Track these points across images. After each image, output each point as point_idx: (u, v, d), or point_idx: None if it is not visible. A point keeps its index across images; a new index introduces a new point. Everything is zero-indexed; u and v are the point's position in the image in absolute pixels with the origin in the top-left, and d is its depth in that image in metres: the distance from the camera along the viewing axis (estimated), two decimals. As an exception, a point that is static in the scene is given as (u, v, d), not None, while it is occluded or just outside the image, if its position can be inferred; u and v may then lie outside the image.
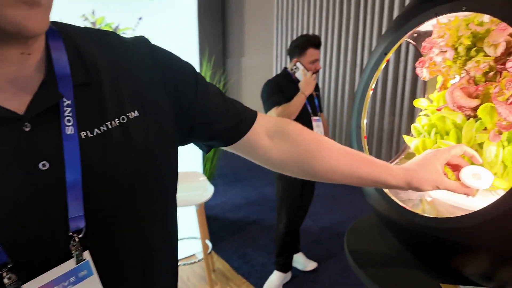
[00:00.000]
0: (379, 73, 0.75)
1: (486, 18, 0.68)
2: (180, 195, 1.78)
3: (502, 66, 0.66)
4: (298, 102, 1.86)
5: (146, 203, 0.46)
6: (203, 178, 2.05)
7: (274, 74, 5.29)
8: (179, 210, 0.60)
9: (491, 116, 0.66)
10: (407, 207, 0.70)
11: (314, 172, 0.60)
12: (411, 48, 3.39)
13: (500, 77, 0.66)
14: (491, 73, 0.67)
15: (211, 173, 2.95)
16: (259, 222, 2.99)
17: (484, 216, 0.58)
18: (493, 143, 0.67)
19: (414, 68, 3.41)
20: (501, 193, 0.72)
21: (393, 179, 0.60)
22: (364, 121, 0.79)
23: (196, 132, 0.54)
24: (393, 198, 0.72)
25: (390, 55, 0.72)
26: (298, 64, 1.89)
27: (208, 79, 0.62)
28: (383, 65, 0.73)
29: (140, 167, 0.44)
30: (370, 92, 0.77)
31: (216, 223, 2.96)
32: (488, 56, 0.66)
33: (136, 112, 0.45)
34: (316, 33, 4.50)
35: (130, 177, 0.43)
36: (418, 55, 0.88)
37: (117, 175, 0.42)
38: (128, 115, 0.44)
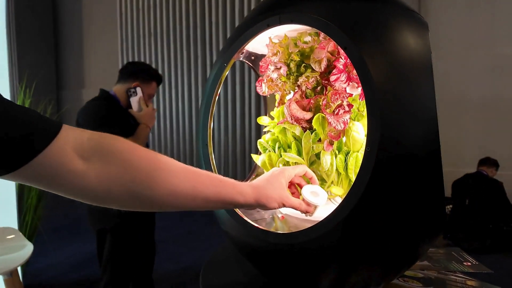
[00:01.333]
0: (220, 86, 0.71)
1: (309, 38, 0.74)
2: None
3: (327, 82, 0.72)
4: (144, 136, 1.55)
5: None
6: (15, 236, 1.53)
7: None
8: None
9: (323, 126, 0.70)
10: (261, 227, 0.65)
11: (152, 199, 0.47)
12: (253, 78, 3.77)
13: (326, 90, 0.71)
14: (319, 87, 0.73)
15: (35, 227, 2.31)
16: (108, 278, 2.51)
17: (328, 225, 0.58)
18: (328, 153, 0.71)
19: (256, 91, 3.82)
20: (338, 200, 0.76)
21: (242, 197, 0.54)
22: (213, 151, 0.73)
23: None
24: (246, 219, 0.66)
25: (230, 66, 0.69)
26: (139, 90, 1.60)
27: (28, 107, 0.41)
28: (224, 76, 0.70)
29: None
30: (214, 107, 0.71)
31: (46, 291, 2.32)
32: (315, 71, 0.71)
33: None
34: (165, 68, 4.46)
35: None
36: (257, 77, 0.90)
37: None
38: None
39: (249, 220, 0.66)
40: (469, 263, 0.85)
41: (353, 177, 0.72)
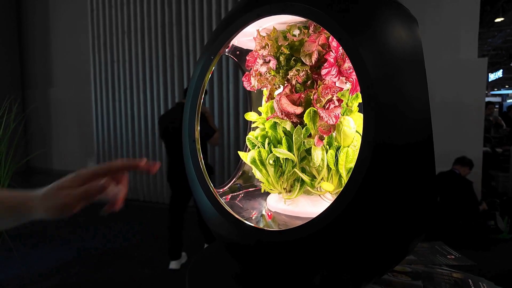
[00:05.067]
0: (208, 79, 0.67)
1: (297, 31, 0.72)
2: None
3: (317, 76, 0.71)
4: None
5: None
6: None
7: (94, 108, 4.68)
8: None
9: (314, 121, 0.68)
10: (253, 224, 0.63)
11: None
12: (231, 73, 3.73)
13: (317, 85, 0.70)
14: (309, 82, 0.71)
15: (-1, 234, 2.16)
16: (83, 285, 2.39)
17: (321, 223, 0.56)
18: (318, 148, 0.70)
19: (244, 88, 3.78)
20: (328, 196, 0.75)
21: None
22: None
23: None
24: (237, 216, 0.64)
25: (217, 59, 0.66)
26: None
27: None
28: (212, 69, 0.67)
29: None
30: (201, 100, 0.68)
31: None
32: (305, 65, 0.70)
33: None
34: (139, 68, 4.32)
35: None
36: (243, 73, 0.88)
37: None
38: None
39: (240, 218, 0.63)
40: (453, 256, 0.87)
41: (343, 173, 0.71)
